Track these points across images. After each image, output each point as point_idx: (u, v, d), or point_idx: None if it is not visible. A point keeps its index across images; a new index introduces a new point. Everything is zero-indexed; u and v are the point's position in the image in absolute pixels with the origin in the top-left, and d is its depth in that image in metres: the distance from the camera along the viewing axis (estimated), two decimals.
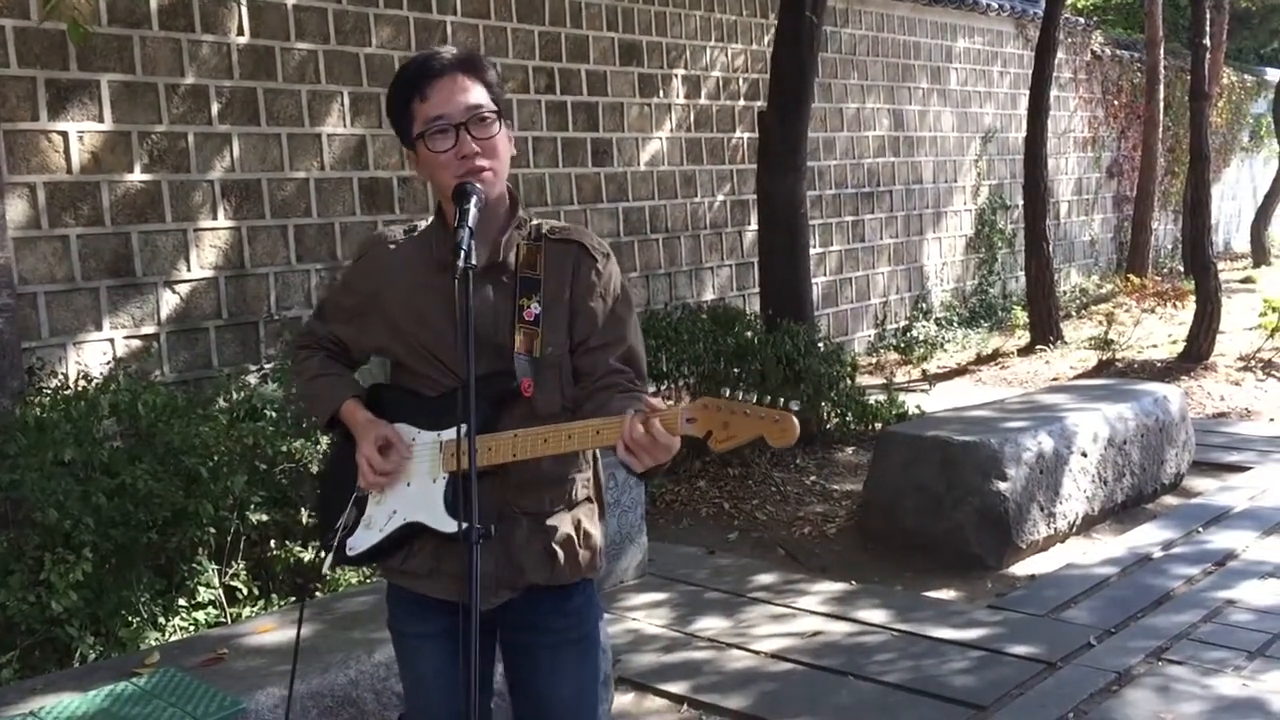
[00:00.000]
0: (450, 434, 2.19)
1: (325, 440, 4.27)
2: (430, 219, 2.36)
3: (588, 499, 2.38)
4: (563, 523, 2.30)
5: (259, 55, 6.75)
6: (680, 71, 9.59)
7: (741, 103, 10.11)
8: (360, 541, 2.29)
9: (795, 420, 1.96)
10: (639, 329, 2.38)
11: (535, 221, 2.34)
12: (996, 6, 13.37)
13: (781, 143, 7.48)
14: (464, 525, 2.07)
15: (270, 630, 3.43)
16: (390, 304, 2.30)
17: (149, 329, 6.26)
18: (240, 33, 6.69)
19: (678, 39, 9.55)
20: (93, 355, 5.94)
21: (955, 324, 12.58)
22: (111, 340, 6.11)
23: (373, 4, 7.37)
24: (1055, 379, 9.78)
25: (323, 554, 2.31)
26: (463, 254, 2.05)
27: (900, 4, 12.07)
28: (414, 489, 2.26)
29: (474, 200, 2.14)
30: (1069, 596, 5.04)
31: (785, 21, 7.50)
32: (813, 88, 7.71)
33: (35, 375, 5.15)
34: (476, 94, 2.21)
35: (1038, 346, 11.10)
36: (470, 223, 2.10)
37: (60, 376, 5.09)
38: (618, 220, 9.05)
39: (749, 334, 7.07)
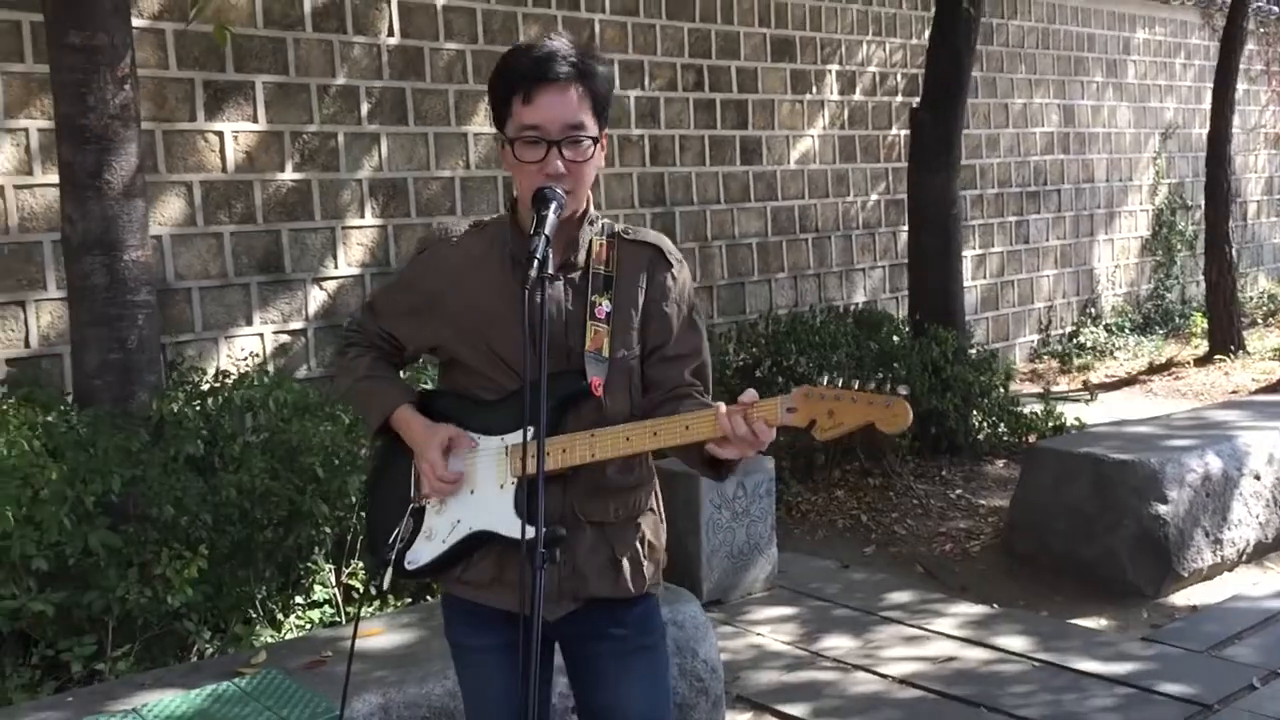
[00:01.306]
0: (516, 437, 2.11)
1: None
2: (499, 215, 2.27)
3: (651, 509, 2.30)
4: (628, 534, 2.23)
5: (408, 55, 6.84)
6: (835, 67, 9.34)
7: (899, 99, 9.78)
8: (421, 554, 2.21)
9: (908, 405, 1.91)
10: (708, 341, 2.30)
11: (607, 220, 2.26)
12: None
13: (934, 140, 7.19)
14: (537, 532, 1.99)
15: (378, 634, 3.42)
16: (455, 303, 2.21)
17: (296, 324, 6.40)
18: (390, 33, 6.79)
19: (833, 34, 9.31)
20: (242, 349, 6.11)
21: (1127, 330, 11.93)
22: (261, 335, 6.28)
23: (521, 3, 7.38)
24: (1234, 392, 9.16)
25: (378, 570, 2.24)
26: (536, 263, 1.96)
27: None
28: (479, 496, 2.17)
29: (554, 207, 2.05)
30: (1233, 632, 4.66)
31: (942, 13, 7.21)
32: (969, 82, 7.39)
33: (175, 369, 5.31)
34: (580, 112, 2.10)
35: (1216, 356, 10.42)
36: (547, 230, 2.01)
37: (198, 372, 5.23)
38: (765, 219, 8.87)
39: (895, 339, 6.81)
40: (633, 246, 2.22)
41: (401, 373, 2.41)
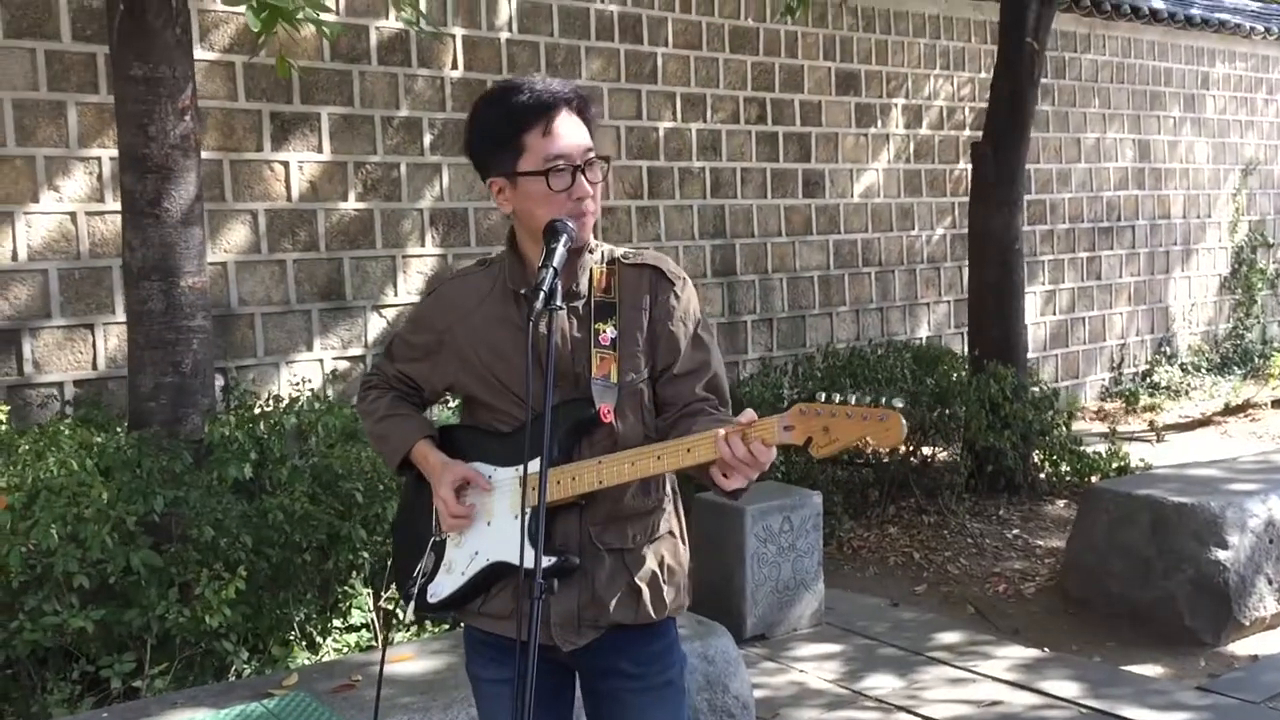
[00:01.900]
0: (533, 468, 2.13)
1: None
2: (501, 250, 2.30)
3: (670, 532, 2.29)
4: (647, 558, 2.23)
5: (471, 88, 6.94)
6: (900, 101, 9.29)
7: (966, 133, 9.69)
8: (442, 588, 2.23)
9: (901, 419, 1.90)
10: (720, 354, 2.30)
11: (607, 246, 2.28)
12: (1262, 30, 12.35)
13: (996, 175, 7.11)
14: (543, 560, 2.01)
15: (409, 659, 3.44)
16: (463, 339, 2.24)
17: (356, 350, 6.51)
18: (454, 66, 6.91)
19: (899, 67, 9.27)
20: (302, 375, 6.22)
21: (1204, 370, 11.64)
22: (320, 361, 6.39)
23: (584, 37, 7.47)
24: None
25: (402, 603, 2.27)
26: (542, 294, 1.99)
27: (1150, 28, 11.31)
28: (495, 528, 2.19)
29: (563, 240, 2.08)
30: None
31: (1005, 47, 7.13)
32: (1031, 117, 7.29)
33: (229, 393, 5.42)
34: (587, 135, 2.17)
35: None
36: (555, 262, 2.04)
37: (252, 396, 5.33)
38: (828, 252, 8.82)
39: (953, 375, 6.72)
40: (633, 270, 2.23)
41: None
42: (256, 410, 4.57)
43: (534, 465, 2.04)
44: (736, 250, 8.26)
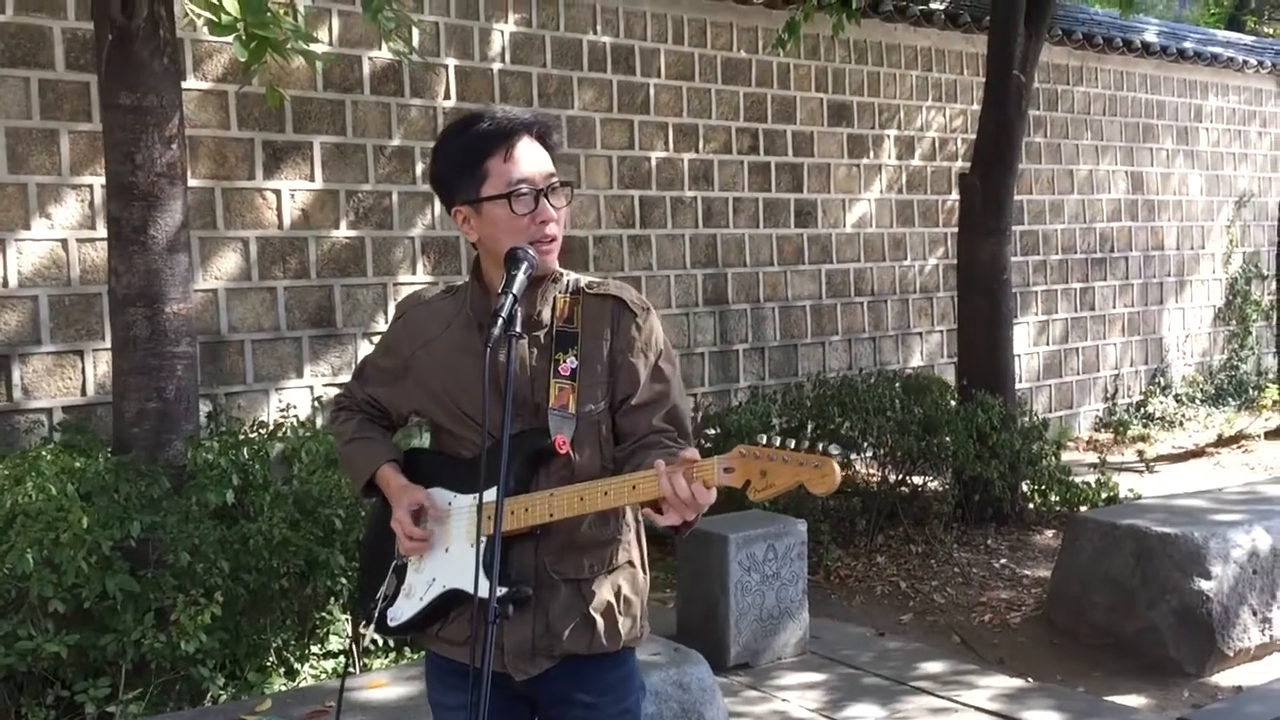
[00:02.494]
0: (487, 496, 2.14)
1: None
2: (465, 280, 2.33)
3: (629, 562, 2.30)
4: (602, 589, 2.23)
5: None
6: (893, 132, 9.35)
7: (958, 164, 9.74)
8: (401, 611, 2.25)
9: (836, 466, 1.90)
10: (682, 386, 2.31)
11: (572, 276, 2.29)
12: (1255, 63, 12.43)
13: (984, 205, 7.15)
14: (498, 591, 2.03)
15: (382, 685, 3.45)
16: (427, 365, 2.27)
17: (346, 377, 6.50)
18: (447, 96, 6.97)
19: (891, 99, 9.33)
20: (292, 401, 6.24)
21: (1198, 401, 11.64)
22: (311, 388, 6.41)
23: (577, 67, 7.53)
24: None
25: (364, 625, 2.28)
26: (500, 321, 2.02)
27: (1143, 61, 11.39)
28: (452, 554, 2.21)
29: (524, 267, 2.11)
30: (1276, 714, 4.50)
31: (993, 79, 7.19)
32: (1019, 148, 7.34)
33: (214, 420, 5.44)
34: (549, 161, 2.21)
35: None
36: (515, 289, 2.07)
37: (237, 422, 5.36)
38: (819, 282, 8.86)
39: (940, 405, 6.73)
40: (596, 300, 2.25)
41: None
42: (241, 436, 4.59)
43: (490, 494, 2.06)
44: (729, 279, 8.30)
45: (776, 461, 1.91)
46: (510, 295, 2.05)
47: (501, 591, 2.10)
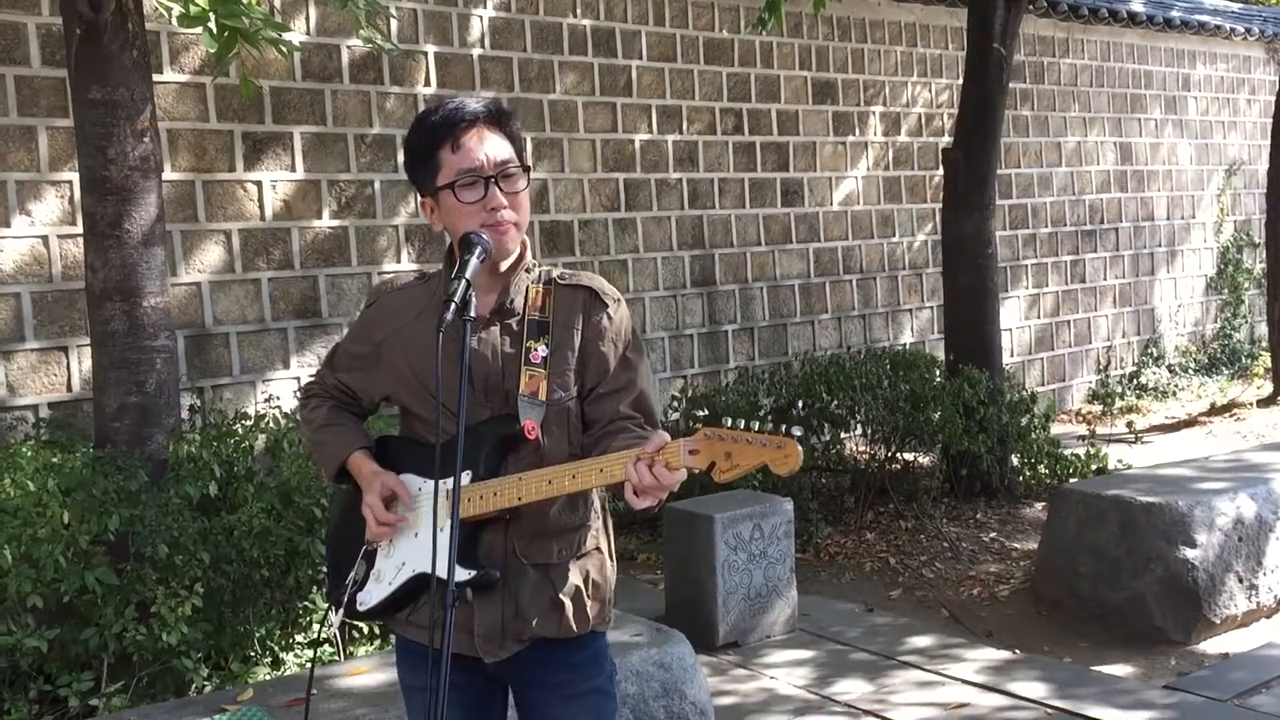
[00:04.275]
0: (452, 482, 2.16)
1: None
2: (440, 267, 2.34)
3: (597, 549, 2.33)
4: (571, 574, 2.27)
5: None
6: (878, 108, 9.33)
7: (945, 139, 9.69)
8: (370, 596, 2.27)
9: (798, 446, 1.93)
10: (650, 374, 2.34)
11: (545, 267, 2.32)
12: (1243, 30, 12.39)
13: (967, 181, 7.14)
14: (462, 573, 2.04)
15: (364, 672, 3.47)
16: (398, 351, 2.29)
17: None
18: (427, 83, 6.95)
19: (876, 75, 9.30)
20: (278, 393, 6.24)
21: (1191, 371, 11.65)
22: (297, 378, 6.42)
23: (558, 51, 7.51)
24: None
25: (333, 610, 2.30)
26: (453, 305, 2.03)
27: (1129, 31, 11.35)
28: (421, 539, 2.23)
29: (477, 252, 2.13)
30: (1261, 680, 4.52)
31: (973, 52, 7.17)
32: (1000, 122, 7.32)
33: (195, 412, 5.45)
34: (504, 148, 2.22)
35: (1279, 397, 10.13)
36: (468, 274, 2.09)
37: (219, 414, 5.36)
38: (808, 261, 8.86)
39: (928, 380, 6.74)
40: (568, 290, 2.28)
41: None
42: (224, 428, 4.59)
43: (459, 479, 2.08)
44: (716, 260, 8.29)
45: (740, 443, 1.95)
46: (464, 280, 2.06)
47: (469, 575, 2.13)
